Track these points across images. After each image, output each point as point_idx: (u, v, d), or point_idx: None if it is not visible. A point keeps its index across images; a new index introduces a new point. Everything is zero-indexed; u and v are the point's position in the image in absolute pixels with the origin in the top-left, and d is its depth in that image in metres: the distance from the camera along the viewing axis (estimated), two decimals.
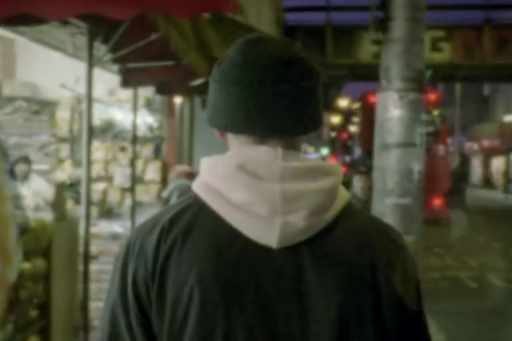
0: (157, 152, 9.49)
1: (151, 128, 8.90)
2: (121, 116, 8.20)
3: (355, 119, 34.03)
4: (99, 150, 9.28)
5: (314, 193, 1.37)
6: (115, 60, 5.64)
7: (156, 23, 4.67)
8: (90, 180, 5.62)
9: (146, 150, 9.46)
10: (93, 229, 7.44)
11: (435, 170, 17.77)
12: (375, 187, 4.75)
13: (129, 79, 5.94)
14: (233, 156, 1.40)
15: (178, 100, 9.76)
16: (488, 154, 51.35)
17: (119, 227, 7.43)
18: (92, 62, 5.42)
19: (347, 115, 45.93)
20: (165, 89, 7.03)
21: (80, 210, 5.71)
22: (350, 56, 27.62)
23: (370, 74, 29.96)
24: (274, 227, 1.34)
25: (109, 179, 9.42)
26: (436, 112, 20.35)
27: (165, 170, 9.39)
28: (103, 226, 7.49)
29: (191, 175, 7.99)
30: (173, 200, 7.72)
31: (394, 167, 4.54)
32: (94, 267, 6.86)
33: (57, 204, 5.51)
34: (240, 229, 1.36)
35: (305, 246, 1.37)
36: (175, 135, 9.88)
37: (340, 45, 27.76)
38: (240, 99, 1.38)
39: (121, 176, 9.17)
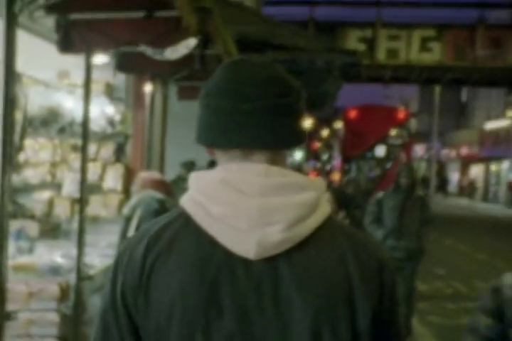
0: (119, 153, 7.37)
1: (111, 122, 6.81)
2: (72, 104, 6.12)
3: (335, 125, 33.63)
4: (45, 150, 7.20)
5: (292, 207, 1.45)
6: (50, 9, 3.59)
7: None
8: (7, 187, 3.66)
9: (106, 151, 7.37)
10: (25, 260, 5.38)
11: None
12: None
13: (72, 40, 3.87)
14: (218, 171, 1.52)
15: (148, 88, 7.69)
16: (465, 162, 49.94)
17: (61, 257, 5.36)
18: (13, 10, 3.41)
19: (319, 119, 44.45)
20: (129, 63, 5.00)
21: None
22: None
23: None
24: (252, 239, 1.42)
25: (56, 186, 7.35)
26: (403, 127, 24.43)
27: (128, 176, 7.33)
28: (40, 256, 5.41)
29: (161, 185, 5.96)
30: (137, 217, 5.72)
31: None
32: (23, 316, 4.83)
33: None
34: (219, 241, 1.45)
35: (283, 258, 1.45)
36: (142, 132, 7.78)
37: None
38: (222, 114, 1.49)
39: (72, 183, 7.08)
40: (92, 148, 6.62)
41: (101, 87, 6.96)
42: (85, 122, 5.27)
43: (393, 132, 25.07)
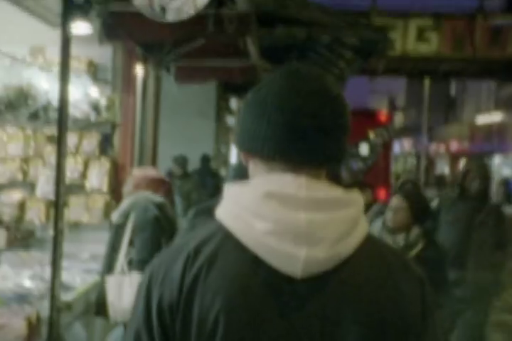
0: (105, 145, 6.29)
1: (96, 108, 5.66)
2: (47, 85, 4.94)
3: None
4: (14, 141, 6.16)
5: (336, 224, 1.43)
6: None
7: None
8: None
9: (89, 143, 6.25)
10: None
11: (380, 169, 22.21)
12: None
13: None
14: (260, 184, 1.46)
15: (139, 68, 6.50)
16: (455, 157, 49.23)
17: (31, 279, 4.17)
18: None
19: None
20: (119, 28, 3.84)
21: None
22: None
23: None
24: (298, 257, 1.38)
25: (29, 186, 6.27)
26: (385, 128, 25.64)
27: (116, 173, 6.23)
28: (3, 277, 4.22)
29: (158, 185, 4.84)
30: (130, 226, 4.59)
31: None
32: None
33: None
34: (263, 258, 1.40)
35: (328, 276, 1.41)
36: (133, 120, 6.62)
37: None
38: (278, 127, 1.46)
39: (47, 182, 6.06)
40: (72, 139, 5.61)
41: (83, 65, 5.86)
42: (63, 106, 4.09)
43: (374, 132, 26.53)
